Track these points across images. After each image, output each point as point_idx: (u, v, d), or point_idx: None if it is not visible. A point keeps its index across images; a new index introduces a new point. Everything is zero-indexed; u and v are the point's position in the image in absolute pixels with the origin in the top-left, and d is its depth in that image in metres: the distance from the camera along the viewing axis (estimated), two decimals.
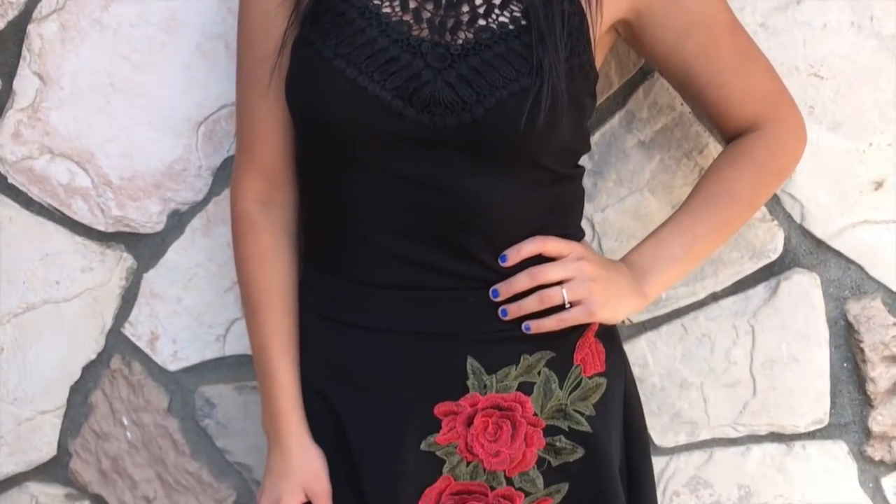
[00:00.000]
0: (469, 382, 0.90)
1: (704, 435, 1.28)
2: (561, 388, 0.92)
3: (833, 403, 1.27)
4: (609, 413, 0.96)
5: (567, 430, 0.93)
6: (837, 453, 1.29)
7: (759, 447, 1.29)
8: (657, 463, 1.25)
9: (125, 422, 1.25)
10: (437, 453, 0.91)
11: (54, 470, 1.29)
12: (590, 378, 0.94)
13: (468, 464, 0.92)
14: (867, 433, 1.28)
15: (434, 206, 0.86)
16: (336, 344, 0.95)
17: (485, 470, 0.92)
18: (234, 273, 1.18)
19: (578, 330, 0.94)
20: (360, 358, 0.94)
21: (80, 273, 1.20)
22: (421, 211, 0.87)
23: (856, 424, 1.28)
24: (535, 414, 0.92)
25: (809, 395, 1.26)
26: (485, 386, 0.90)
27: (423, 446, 0.91)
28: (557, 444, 0.93)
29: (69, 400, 1.25)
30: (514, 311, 0.89)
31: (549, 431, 0.93)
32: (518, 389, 0.91)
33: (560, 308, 0.90)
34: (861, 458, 1.29)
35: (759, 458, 1.29)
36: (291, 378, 0.97)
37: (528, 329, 0.90)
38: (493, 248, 0.89)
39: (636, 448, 1.02)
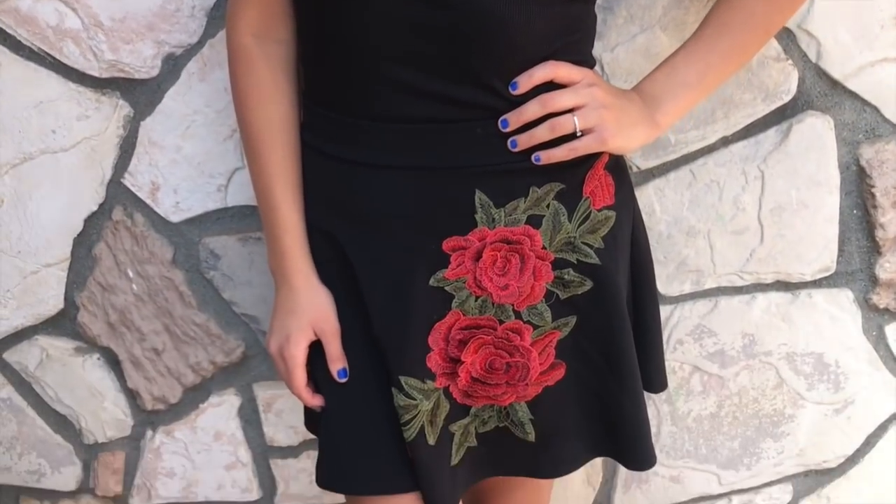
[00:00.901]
0: (477, 217, 0.89)
1: (710, 283, 1.28)
2: (570, 221, 0.91)
3: (840, 251, 1.27)
4: (617, 246, 0.95)
5: (575, 262, 0.92)
6: (843, 301, 1.29)
7: (765, 296, 1.29)
8: (662, 312, 1.26)
9: (130, 274, 1.25)
10: (446, 288, 0.91)
11: (62, 323, 1.29)
12: (599, 211, 0.93)
13: (477, 298, 0.91)
14: (874, 281, 1.28)
15: (443, 26, 0.82)
16: (341, 183, 0.93)
17: (493, 304, 0.91)
18: (233, 120, 1.16)
19: (588, 161, 0.91)
20: (367, 196, 0.92)
21: (77, 121, 1.17)
22: (428, 32, 0.82)
23: (862, 272, 1.28)
24: (544, 247, 0.91)
25: (817, 243, 1.25)
26: (493, 220, 0.89)
27: (431, 282, 0.90)
28: (566, 277, 0.92)
29: (73, 253, 1.25)
30: (523, 141, 0.87)
31: (558, 265, 0.92)
32: (527, 223, 0.90)
33: (571, 137, 0.88)
34: (866, 306, 1.30)
35: (764, 307, 1.29)
36: (296, 217, 0.96)
37: (537, 160, 0.88)
38: (505, 72, 0.85)
39: (643, 285, 1.02)
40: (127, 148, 1.19)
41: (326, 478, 0.97)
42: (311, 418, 1.06)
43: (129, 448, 1.37)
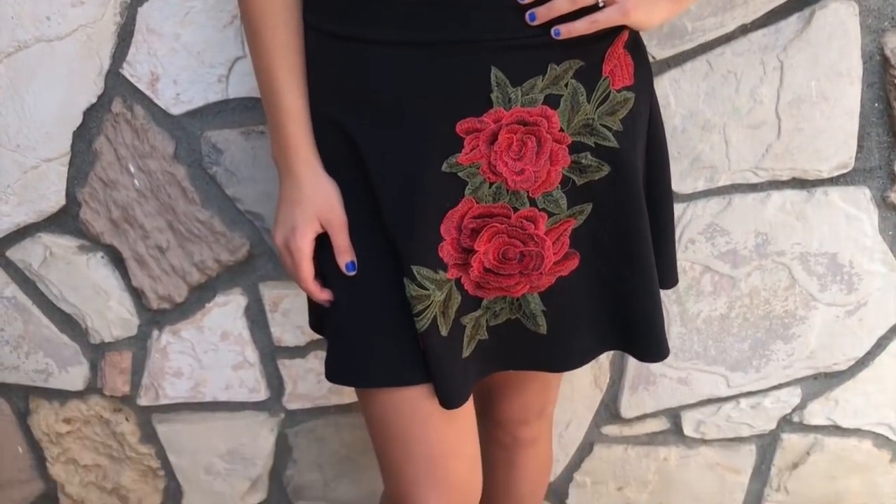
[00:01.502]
0: (493, 96, 0.85)
1: (724, 181, 1.25)
2: (588, 102, 0.87)
3: (860, 147, 1.23)
4: (636, 130, 0.92)
5: (593, 146, 0.89)
6: (859, 199, 1.27)
7: (780, 193, 1.26)
8: (674, 210, 1.23)
9: (132, 169, 1.23)
10: (459, 174, 0.88)
11: (65, 221, 1.28)
12: (618, 91, 0.89)
13: (491, 185, 0.89)
14: (892, 178, 1.25)
15: None
16: (347, 65, 0.89)
17: (508, 190, 0.89)
18: (233, 6, 1.12)
19: (608, 38, 0.87)
20: (375, 77, 0.88)
21: (71, 8, 1.13)
22: None
23: (881, 169, 1.25)
24: (562, 129, 0.87)
25: (836, 137, 1.22)
26: (509, 99, 0.85)
27: (444, 167, 0.87)
28: (583, 161, 0.89)
29: (73, 147, 1.22)
30: (542, 13, 0.83)
31: (575, 148, 0.89)
32: (544, 103, 0.86)
33: (592, 10, 0.83)
34: (883, 204, 1.27)
35: (779, 205, 1.27)
36: (300, 103, 0.92)
37: (557, 34, 0.83)
38: None
39: (658, 173, 0.99)
40: (125, 36, 1.15)
41: (336, 372, 0.95)
42: (317, 319, 1.04)
43: (136, 348, 1.37)
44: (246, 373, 1.39)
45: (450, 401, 0.92)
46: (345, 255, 0.92)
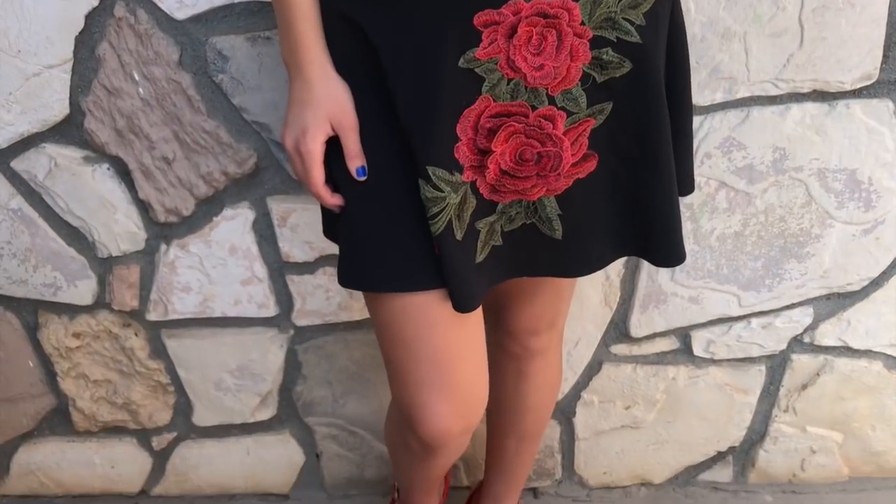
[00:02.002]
0: None
1: (743, 92, 1.22)
2: None
3: (885, 57, 1.19)
4: (658, 26, 0.88)
5: (615, 41, 0.86)
6: (882, 113, 1.23)
7: (800, 106, 1.23)
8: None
9: (136, 76, 1.20)
10: (477, 70, 0.85)
11: (69, 131, 1.25)
12: None
13: (509, 81, 0.86)
14: None
15: None
16: None
17: (526, 88, 0.86)
18: None
19: None
20: None
21: None
22: None
23: None
24: (583, 23, 0.84)
25: (861, 46, 1.18)
26: None
27: (461, 63, 0.84)
28: (604, 57, 0.86)
29: (76, 53, 1.19)
30: None
31: (596, 43, 0.86)
32: None
33: None
34: None
35: (799, 119, 1.23)
36: (310, 1, 0.89)
37: None
38: None
39: (678, 75, 0.96)
40: None
41: (348, 277, 0.94)
42: (330, 225, 1.02)
43: (144, 262, 1.36)
44: (255, 288, 1.38)
45: (463, 304, 0.91)
46: (356, 159, 0.90)
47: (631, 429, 1.54)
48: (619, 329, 1.44)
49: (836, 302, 1.40)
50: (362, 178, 0.90)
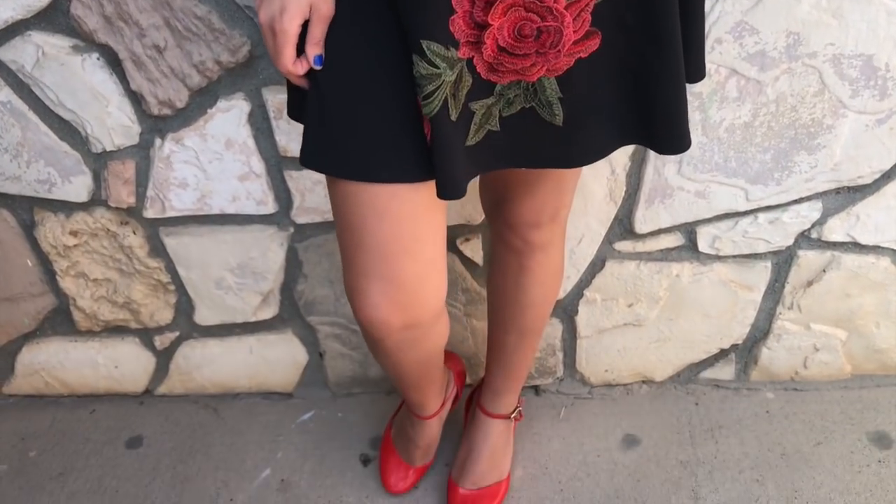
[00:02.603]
0: None
1: None
2: None
3: None
4: None
5: None
6: None
7: None
8: None
9: None
10: None
11: (56, 17, 1.21)
12: None
13: None
14: None
15: None
16: None
17: None
18: None
19: None
20: None
21: None
22: None
23: None
24: None
25: None
26: None
27: None
28: None
29: None
30: None
31: None
32: None
33: None
34: None
35: (814, 1, 1.18)
36: None
37: None
38: None
39: None
40: None
41: (309, 158, 0.90)
42: (296, 105, 0.98)
43: (139, 157, 1.33)
44: (252, 184, 1.35)
45: (449, 191, 0.88)
46: (316, 47, 0.86)
47: (633, 326, 1.53)
48: (623, 225, 1.41)
49: (846, 196, 1.38)
50: (318, 67, 0.87)
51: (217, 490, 1.48)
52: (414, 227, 0.93)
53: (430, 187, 0.91)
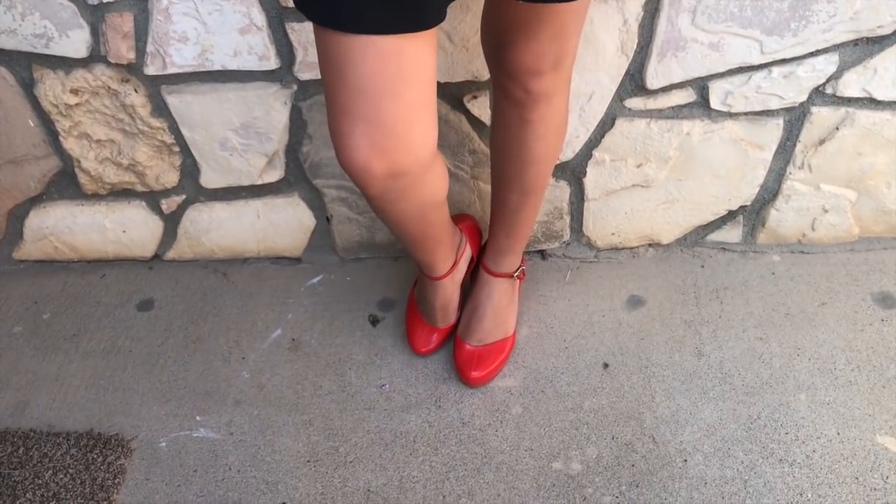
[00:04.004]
0: None
1: None
2: None
3: None
4: None
5: None
6: None
7: None
8: None
9: None
10: None
11: None
12: None
13: None
14: None
15: None
16: None
17: None
18: None
19: None
20: None
21: None
22: None
23: None
24: None
25: None
26: None
27: None
28: None
29: None
30: None
31: None
32: None
33: None
34: None
35: None
36: None
37: None
38: None
39: None
40: None
41: (309, 5, 0.86)
42: None
43: (137, 9, 1.29)
44: (254, 38, 1.32)
45: (425, 22, 0.85)
46: None
47: (641, 188, 1.52)
48: (634, 81, 1.38)
49: (864, 48, 1.34)
50: None
51: (229, 349, 1.51)
52: (400, 64, 0.88)
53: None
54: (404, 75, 0.88)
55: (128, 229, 1.60)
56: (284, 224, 1.59)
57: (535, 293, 1.56)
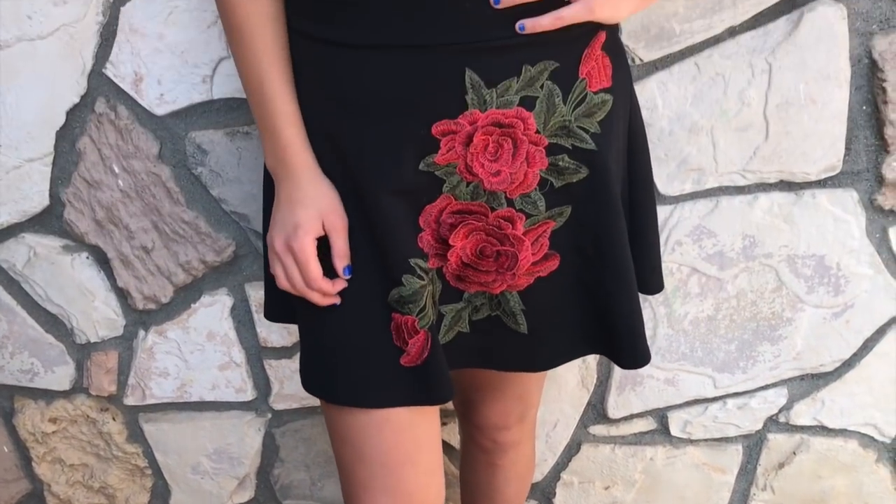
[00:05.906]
0: (468, 98, 0.84)
1: (711, 183, 1.25)
2: (565, 104, 0.87)
3: (847, 150, 1.23)
4: (614, 133, 0.91)
5: (570, 148, 0.89)
6: (847, 202, 1.26)
7: (767, 196, 1.26)
8: (661, 212, 1.23)
9: (116, 169, 1.22)
10: (437, 173, 0.87)
11: (49, 221, 1.27)
12: (595, 94, 0.88)
13: (468, 184, 0.88)
14: (880, 181, 1.24)
15: None
16: (325, 67, 0.88)
17: (485, 191, 0.88)
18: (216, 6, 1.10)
19: (584, 39, 0.87)
20: (352, 79, 0.87)
21: (53, 7, 1.12)
22: None
23: (869, 172, 1.24)
24: (538, 131, 0.87)
25: (824, 140, 1.21)
26: (484, 101, 0.85)
27: (421, 166, 0.87)
28: (560, 163, 0.89)
29: (56, 147, 1.21)
30: (506, 0, 0.81)
31: (552, 150, 0.88)
32: (520, 105, 0.85)
33: (559, 5, 0.83)
34: (871, 207, 1.27)
35: (767, 208, 1.26)
36: (293, 107, 0.90)
37: (522, 28, 0.82)
38: None
39: (639, 180, 0.98)
40: (107, 36, 1.14)
41: (313, 383, 0.95)
42: (276, 308, 1.02)
43: (122, 348, 1.37)
44: (232, 373, 1.38)
45: (439, 395, 0.91)
46: (344, 258, 0.90)
47: None
48: (596, 410, 1.44)
49: (810, 382, 1.42)
50: (348, 277, 0.90)
51: None
52: (411, 433, 0.93)
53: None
54: (420, 443, 0.94)
55: None
56: None
57: None
